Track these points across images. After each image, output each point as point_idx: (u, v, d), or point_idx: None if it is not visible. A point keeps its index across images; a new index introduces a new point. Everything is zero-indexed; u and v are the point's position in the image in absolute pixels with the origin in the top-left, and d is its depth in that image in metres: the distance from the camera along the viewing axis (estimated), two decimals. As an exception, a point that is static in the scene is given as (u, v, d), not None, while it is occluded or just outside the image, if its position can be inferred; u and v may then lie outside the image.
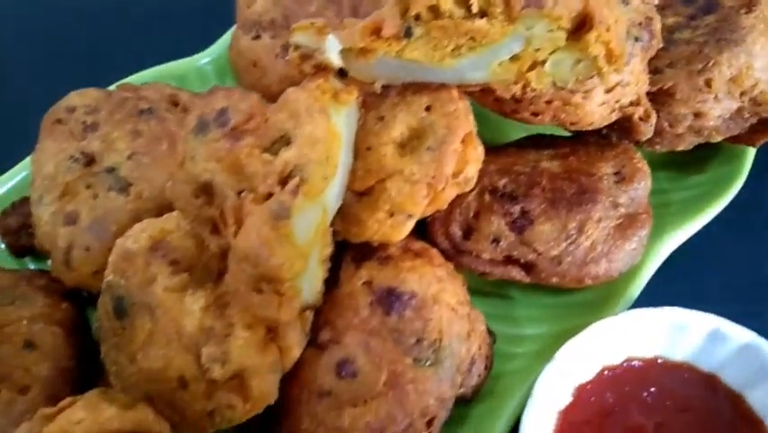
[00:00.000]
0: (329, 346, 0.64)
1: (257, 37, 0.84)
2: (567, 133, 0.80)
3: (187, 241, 0.63)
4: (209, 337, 0.57)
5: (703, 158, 0.85)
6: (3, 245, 0.82)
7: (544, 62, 0.59)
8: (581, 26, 0.57)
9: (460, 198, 0.74)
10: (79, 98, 0.78)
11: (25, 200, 0.81)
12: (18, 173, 0.86)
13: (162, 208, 0.68)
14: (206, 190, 0.57)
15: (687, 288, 0.79)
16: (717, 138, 0.77)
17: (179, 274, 0.60)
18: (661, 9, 0.81)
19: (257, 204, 0.52)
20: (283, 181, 0.53)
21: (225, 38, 1.00)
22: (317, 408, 0.62)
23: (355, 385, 0.62)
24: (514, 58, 0.59)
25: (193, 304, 0.58)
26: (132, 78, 0.91)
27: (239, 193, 0.55)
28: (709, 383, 0.73)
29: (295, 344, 0.60)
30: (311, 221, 0.55)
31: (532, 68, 0.60)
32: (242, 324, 0.57)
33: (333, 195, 0.59)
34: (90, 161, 0.73)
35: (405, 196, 0.62)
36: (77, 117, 0.76)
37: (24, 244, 0.79)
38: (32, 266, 0.83)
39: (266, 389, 0.57)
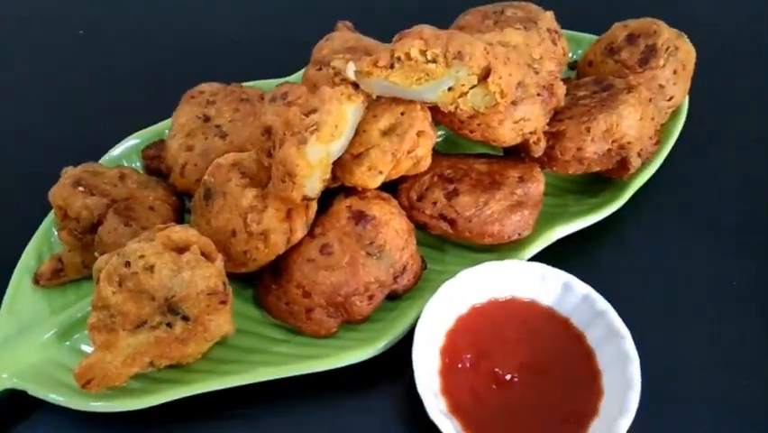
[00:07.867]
0: (318, 236, 1.05)
1: (319, 69, 1.32)
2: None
3: (252, 164, 1.08)
4: (253, 210, 1.01)
5: (598, 189, 1.25)
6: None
7: (466, 93, 1.03)
8: (487, 74, 1.01)
9: (419, 177, 1.17)
10: (207, 86, 1.28)
11: (161, 141, 1.31)
12: (158, 128, 1.35)
13: (242, 150, 1.15)
14: (268, 131, 1.03)
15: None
16: (595, 168, 1.16)
17: (245, 179, 1.05)
18: (577, 86, 1.24)
19: (292, 137, 0.98)
20: (308, 129, 0.99)
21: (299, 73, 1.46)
22: (305, 268, 1.04)
23: (329, 259, 1.03)
24: (449, 89, 1.01)
25: (248, 193, 1.02)
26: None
27: (284, 133, 1.01)
28: (563, 324, 1.06)
29: (299, 228, 1.04)
30: (319, 154, 0.97)
31: (460, 96, 1.03)
32: (273, 207, 1.02)
33: (336, 148, 1.02)
34: (207, 119, 1.21)
35: (378, 159, 1.03)
36: (204, 96, 1.25)
37: (155, 167, 1.28)
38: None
39: (279, 243, 1.00)
